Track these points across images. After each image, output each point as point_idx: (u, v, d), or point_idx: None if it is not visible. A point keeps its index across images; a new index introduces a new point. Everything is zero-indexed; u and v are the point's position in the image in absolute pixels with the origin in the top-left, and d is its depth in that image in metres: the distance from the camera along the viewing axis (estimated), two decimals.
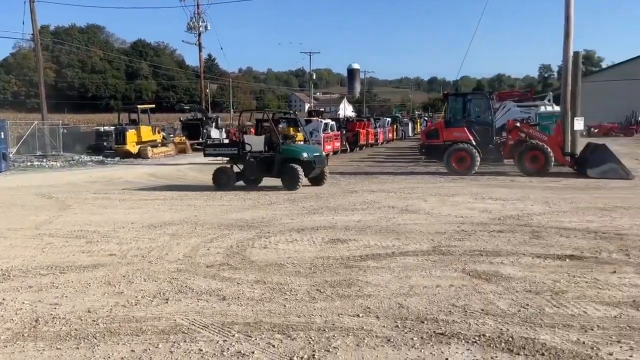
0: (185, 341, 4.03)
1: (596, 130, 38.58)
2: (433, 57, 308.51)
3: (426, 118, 58.75)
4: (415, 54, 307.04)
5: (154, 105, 33.37)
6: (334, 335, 4.08)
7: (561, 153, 15.35)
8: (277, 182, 13.09)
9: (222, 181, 13.25)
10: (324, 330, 4.20)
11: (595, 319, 4.35)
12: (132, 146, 25.50)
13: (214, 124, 33.10)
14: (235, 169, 13.53)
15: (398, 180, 14.87)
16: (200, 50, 41.72)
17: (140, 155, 25.36)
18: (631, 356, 3.64)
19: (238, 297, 5.03)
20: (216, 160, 14.85)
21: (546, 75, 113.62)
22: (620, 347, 3.80)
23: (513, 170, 16.06)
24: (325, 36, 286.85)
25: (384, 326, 4.26)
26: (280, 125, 22.80)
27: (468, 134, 15.80)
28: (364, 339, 4.02)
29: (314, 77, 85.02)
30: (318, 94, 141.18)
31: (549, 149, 14.93)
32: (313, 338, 4.05)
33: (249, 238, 7.56)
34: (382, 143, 34.88)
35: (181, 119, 35.61)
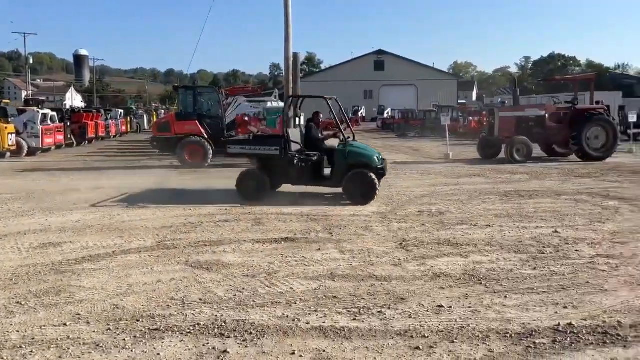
0: None
1: None
2: (170, 49, 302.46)
3: (163, 110, 57.40)
4: (151, 44, 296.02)
5: None
6: (32, 351, 3.64)
7: None
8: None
9: (251, 188, 9.76)
10: (21, 346, 3.71)
11: (300, 293, 4.86)
12: None
13: None
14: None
15: (129, 175, 14.15)
16: None
17: None
18: (324, 322, 4.17)
19: None
20: None
21: (276, 73, 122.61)
22: (317, 315, 4.32)
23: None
24: (45, 16, 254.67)
25: (94, 331, 3.99)
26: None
27: (200, 127, 15.99)
28: (68, 349, 3.69)
29: (32, 62, 75.05)
30: (38, 80, 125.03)
31: None
32: (5, 358, 3.54)
33: None
34: (114, 136, 32.84)
35: None
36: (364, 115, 56.97)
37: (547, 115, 17.24)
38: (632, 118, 20.30)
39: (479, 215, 8.31)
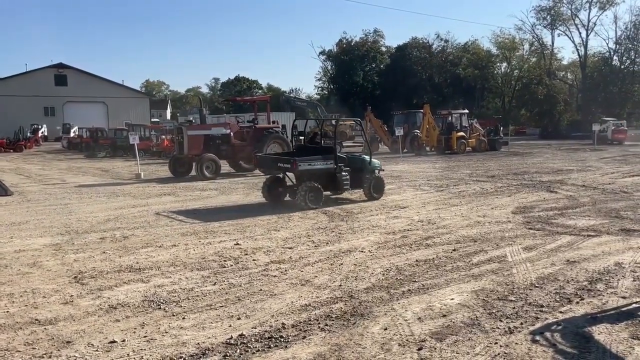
0: None
1: None
2: None
3: None
4: None
5: None
6: None
7: None
8: None
9: (319, 199, 10.61)
10: None
11: None
12: None
13: None
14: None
15: None
16: None
17: None
18: None
19: None
20: None
21: None
22: None
23: None
24: None
25: None
26: None
27: None
28: None
29: None
30: None
31: None
32: None
33: None
34: None
35: None
36: (45, 134, 51.04)
37: (232, 133, 18.35)
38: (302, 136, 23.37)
39: (165, 236, 8.15)
